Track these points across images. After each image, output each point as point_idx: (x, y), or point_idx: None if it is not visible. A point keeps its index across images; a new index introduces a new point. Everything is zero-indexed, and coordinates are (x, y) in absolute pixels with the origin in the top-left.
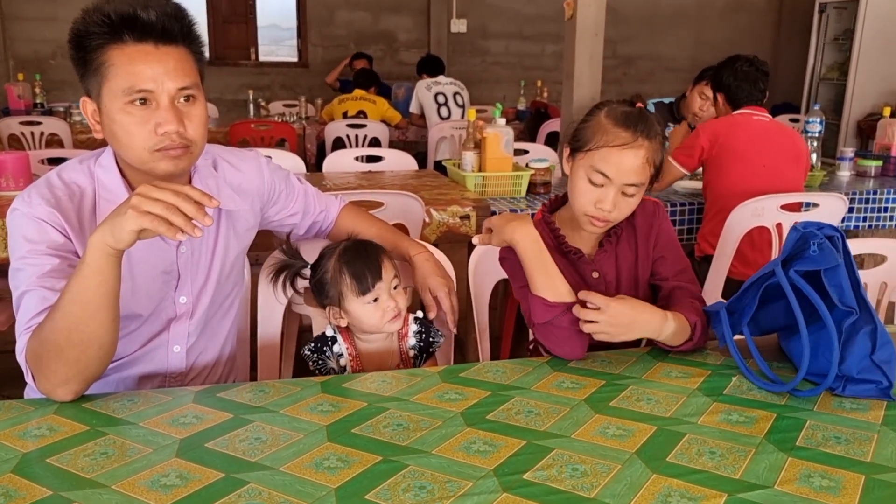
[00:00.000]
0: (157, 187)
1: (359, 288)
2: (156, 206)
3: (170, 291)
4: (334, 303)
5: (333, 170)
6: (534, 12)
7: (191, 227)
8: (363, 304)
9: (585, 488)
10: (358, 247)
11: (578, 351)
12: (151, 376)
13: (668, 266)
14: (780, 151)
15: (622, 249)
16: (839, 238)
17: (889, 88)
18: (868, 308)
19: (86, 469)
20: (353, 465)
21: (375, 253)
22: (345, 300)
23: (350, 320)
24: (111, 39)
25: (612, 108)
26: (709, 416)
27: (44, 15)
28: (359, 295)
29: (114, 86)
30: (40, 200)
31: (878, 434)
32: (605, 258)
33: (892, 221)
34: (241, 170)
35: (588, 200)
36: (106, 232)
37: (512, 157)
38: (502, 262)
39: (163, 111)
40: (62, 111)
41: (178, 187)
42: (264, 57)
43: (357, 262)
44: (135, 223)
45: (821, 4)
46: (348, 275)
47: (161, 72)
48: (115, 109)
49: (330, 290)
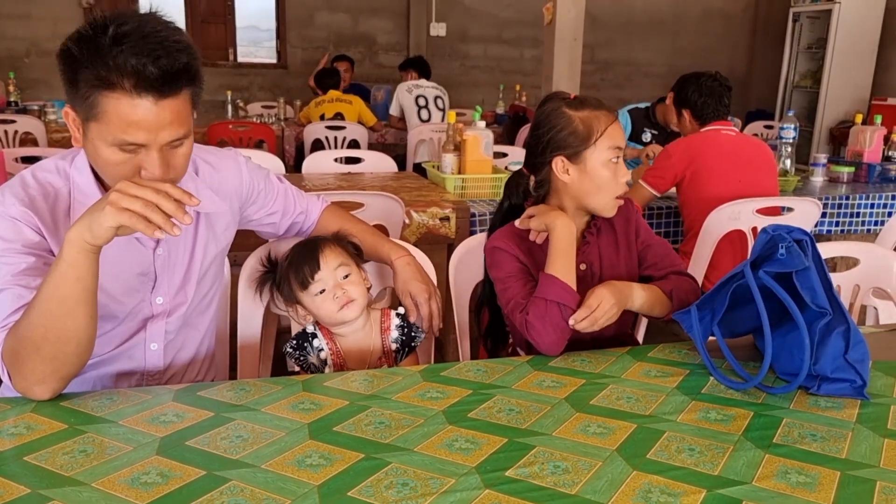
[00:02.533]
0: (137, 184)
1: (299, 282)
2: (134, 203)
3: (146, 293)
4: (292, 301)
5: (313, 171)
6: (513, 17)
7: (169, 226)
8: (312, 296)
9: (567, 485)
10: (302, 244)
11: (559, 346)
12: (129, 374)
13: (655, 251)
14: (752, 163)
15: (604, 243)
16: (808, 241)
17: (860, 96)
18: (841, 309)
19: (65, 467)
20: (336, 463)
21: (314, 245)
22: (298, 297)
23: (311, 315)
24: (106, 86)
25: (565, 102)
26: (687, 414)
27: (18, 13)
28: (302, 289)
29: (104, 129)
30: (14, 200)
31: (853, 432)
32: (590, 250)
33: (864, 226)
34: (219, 169)
35: (616, 182)
36: (83, 227)
37: (492, 159)
38: (492, 251)
39: (151, 160)
40: (36, 110)
41: (157, 185)
42: (243, 58)
43: (297, 257)
44: (113, 219)
45: (794, 14)
46: (291, 272)
47: (156, 126)
48: (101, 145)
49: (284, 289)
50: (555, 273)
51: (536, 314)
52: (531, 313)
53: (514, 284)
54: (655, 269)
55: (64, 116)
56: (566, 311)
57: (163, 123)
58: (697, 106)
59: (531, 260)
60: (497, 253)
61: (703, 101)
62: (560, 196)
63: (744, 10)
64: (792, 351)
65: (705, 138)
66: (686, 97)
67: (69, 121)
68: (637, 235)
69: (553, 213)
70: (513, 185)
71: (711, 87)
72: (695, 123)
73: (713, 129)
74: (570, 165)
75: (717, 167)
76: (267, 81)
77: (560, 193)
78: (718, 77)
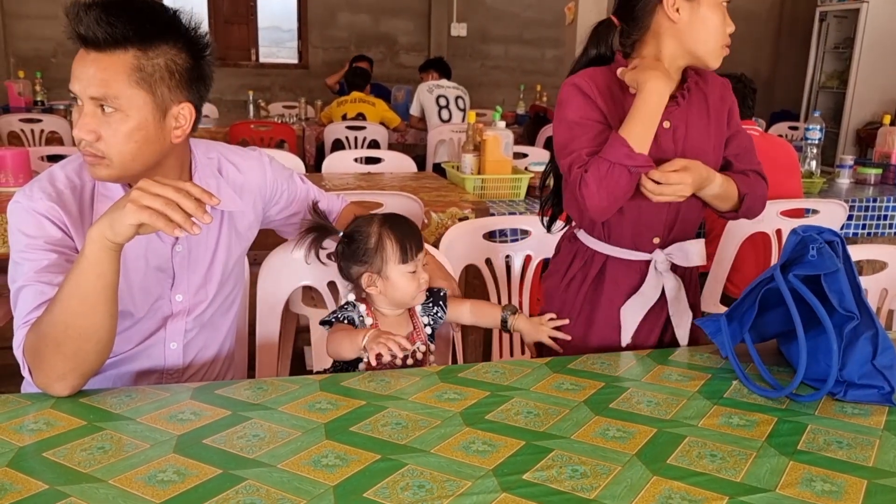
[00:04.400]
0: (158, 182)
1: (403, 256)
2: (155, 202)
3: (165, 290)
4: (374, 269)
5: (332, 171)
6: (533, 17)
7: (189, 224)
8: (403, 272)
9: (586, 489)
10: (398, 218)
11: (608, 213)
12: (149, 372)
13: (741, 141)
14: (776, 163)
15: (694, 108)
16: (839, 243)
17: (889, 97)
18: (869, 313)
19: (82, 464)
20: (352, 464)
21: (416, 225)
22: (387, 266)
23: (385, 288)
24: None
25: None
26: (709, 419)
27: (45, 13)
28: (401, 263)
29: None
30: (41, 194)
31: (880, 439)
32: (679, 112)
33: (892, 229)
34: (243, 170)
35: (723, 29)
36: (105, 225)
37: (511, 159)
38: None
39: (80, 117)
40: (62, 109)
41: (179, 184)
42: (265, 58)
43: (400, 230)
44: (133, 217)
45: (821, 13)
46: (394, 241)
47: (85, 77)
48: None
49: (371, 255)
50: (628, 136)
51: (596, 175)
52: (590, 171)
53: (581, 134)
54: (738, 159)
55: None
56: (630, 179)
57: (87, 75)
58: None
59: (615, 112)
60: (573, 92)
61: None
62: (660, 42)
63: (769, 9)
64: (818, 356)
65: None
66: None
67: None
68: (730, 117)
69: (651, 71)
70: (601, 33)
71: (736, 89)
72: None
73: None
74: (682, 4)
75: None
76: (288, 81)
77: (661, 38)
78: (744, 79)
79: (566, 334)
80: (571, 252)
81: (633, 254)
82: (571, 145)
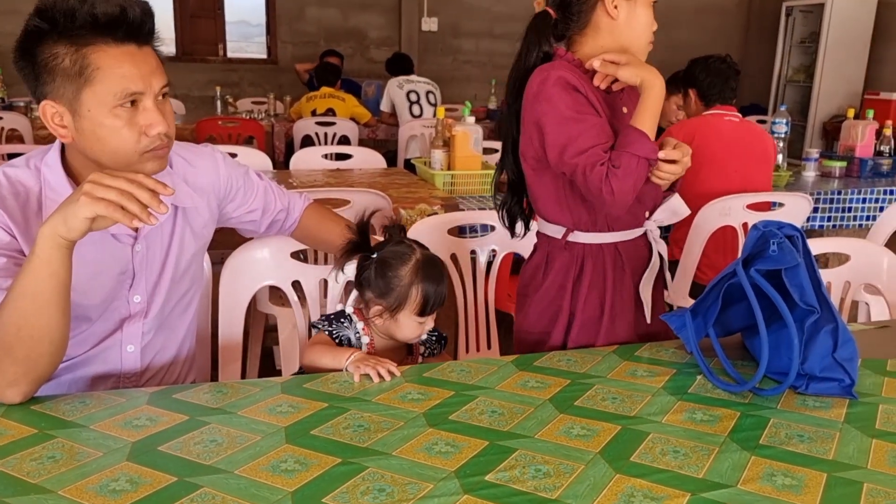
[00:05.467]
0: (110, 175)
1: (421, 310)
2: (110, 193)
3: (123, 290)
4: (388, 307)
5: (301, 167)
6: (504, 11)
7: (146, 215)
8: (413, 321)
9: (548, 489)
10: (434, 268)
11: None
12: (105, 377)
13: None
14: (750, 154)
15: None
16: (799, 237)
17: (853, 91)
18: (829, 307)
19: (31, 474)
20: (312, 468)
21: (444, 278)
22: (401, 311)
23: (388, 326)
24: (94, 39)
25: None
26: (673, 414)
27: (4, 8)
28: (417, 314)
29: (101, 89)
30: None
31: (840, 432)
32: (632, 96)
33: (856, 221)
34: (196, 166)
35: (651, 28)
36: (58, 221)
37: (481, 155)
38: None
39: (151, 112)
40: (23, 106)
41: (131, 175)
42: (232, 53)
43: (432, 285)
44: (88, 210)
45: (787, 8)
46: (420, 295)
47: (147, 72)
48: (103, 113)
49: (393, 296)
50: (647, 131)
51: (626, 170)
52: (622, 168)
53: (584, 130)
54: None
55: (42, 116)
56: (648, 170)
57: (151, 69)
58: (704, 85)
59: (603, 102)
60: (562, 85)
61: (709, 81)
62: (597, 37)
63: (737, 4)
64: (780, 349)
65: (707, 123)
66: (693, 76)
67: (48, 118)
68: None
69: (649, 67)
70: (541, 27)
71: (719, 69)
72: (699, 104)
73: (717, 113)
74: (620, 2)
75: (716, 154)
76: (257, 77)
77: (599, 34)
78: (728, 60)
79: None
80: (574, 260)
81: (635, 232)
82: (579, 143)
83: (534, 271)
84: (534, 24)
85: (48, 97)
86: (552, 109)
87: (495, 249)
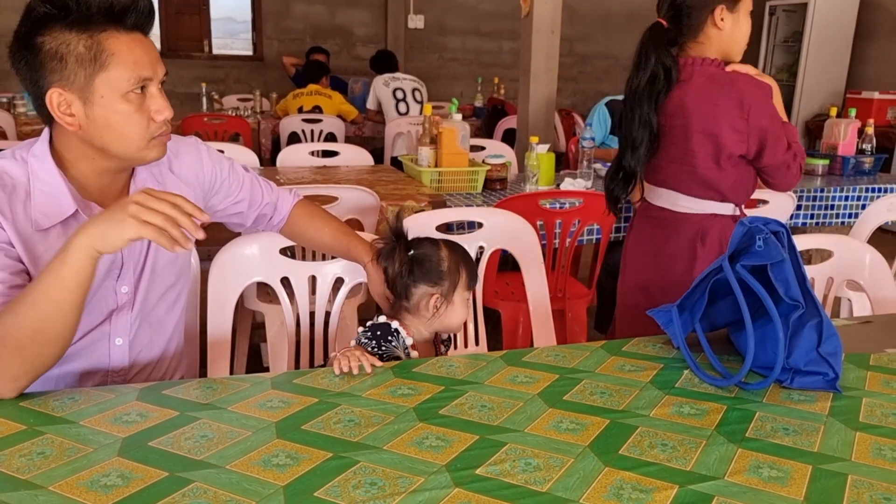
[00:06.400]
0: (154, 196)
1: (470, 282)
2: (156, 218)
3: (111, 281)
4: (442, 292)
5: (288, 164)
6: (491, 9)
7: (184, 240)
8: (464, 299)
9: (538, 482)
10: (456, 244)
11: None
12: (93, 372)
13: None
14: None
15: None
16: (784, 233)
17: (836, 89)
18: (814, 301)
19: (21, 470)
20: (303, 462)
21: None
22: (454, 292)
23: (444, 316)
24: (106, 27)
25: None
26: (661, 408)
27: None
28: (467, 289)
29: (116, 75)
30: None
31: (825, 425)
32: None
33: (839, 219)
34: (179, 156)
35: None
36: (96, 236)
37: (468, 152)
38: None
39: (158, 98)
40: (5, 102)
41: (172, 198)
42: (218, 50)
43: (466, 257)
44: (134, 232)
45: (771, 7)
46: (464, 267)
47: (155, 59)
48: (116, 99)
49: (444, 278)
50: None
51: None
52: (799, 156)
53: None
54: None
55: (48, 105)
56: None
57: (157, 56)
58: None
59: None
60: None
61: None
62: (704, 46)
63: None
64: (765, 344)
65: None
66: None
67: (54, 107)
68: None
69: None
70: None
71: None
72: None
73: None
74: (727, 14)
75: None
76: (243, 74)
77: (707, 44)
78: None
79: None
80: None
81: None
82: (788, 137)
83: (690, 243)
84: (650, 35)
85: (55, 85)
86: (775, 114)
87: (483, 246)
